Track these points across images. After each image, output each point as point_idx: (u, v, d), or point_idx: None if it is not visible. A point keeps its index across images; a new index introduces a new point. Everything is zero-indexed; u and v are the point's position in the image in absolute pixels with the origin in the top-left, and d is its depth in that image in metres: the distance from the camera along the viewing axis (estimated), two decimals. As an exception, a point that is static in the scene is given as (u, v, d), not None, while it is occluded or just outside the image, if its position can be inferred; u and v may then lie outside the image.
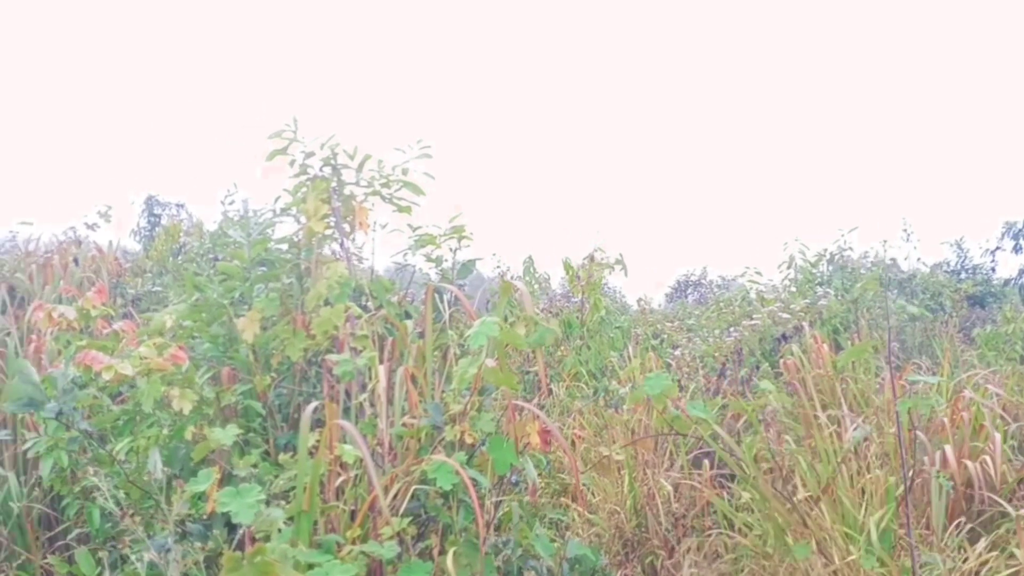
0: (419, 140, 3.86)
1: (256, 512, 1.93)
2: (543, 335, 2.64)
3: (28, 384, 2.32)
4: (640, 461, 4.77)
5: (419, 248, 3.87)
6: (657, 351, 6.06)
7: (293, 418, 3.61)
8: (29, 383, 2.33)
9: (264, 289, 3.78)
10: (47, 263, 5.72)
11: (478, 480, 2.47)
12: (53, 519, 3.77)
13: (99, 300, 3.51)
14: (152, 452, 2.50)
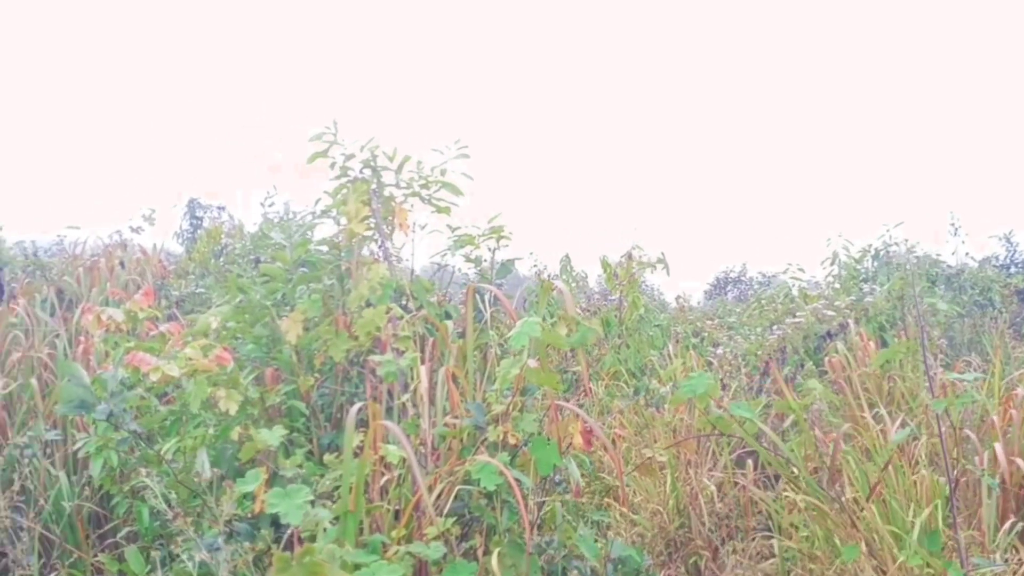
0: (456, 140, 3.87)
1: (304, 513, 1.94)
2: (584, 335, 2.63)
3: (80, 387, 2.37)
4: (682, 461, 4.73)
5: (458, 248, 3.88)
6: (697, 350, 6.01)
7: (336, 418, 3.64)
8: (81, 386, 2.37)
9: (306, 290, 3.82)
10: (94, 266, 5.84)
11: (522, 480, 2.46)
12: (102, 517, 3.85)
13: (146, 303, 3.57)
14: (200, 452, 2.54)
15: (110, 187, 19.60)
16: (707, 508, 4.47)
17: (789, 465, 3.36)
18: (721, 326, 7.28)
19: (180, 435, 3.11)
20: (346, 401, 3.68)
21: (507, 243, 3.99)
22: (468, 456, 2.67)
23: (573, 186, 30.64)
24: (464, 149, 3.81)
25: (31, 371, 4.36)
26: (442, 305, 3.79)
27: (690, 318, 7.87)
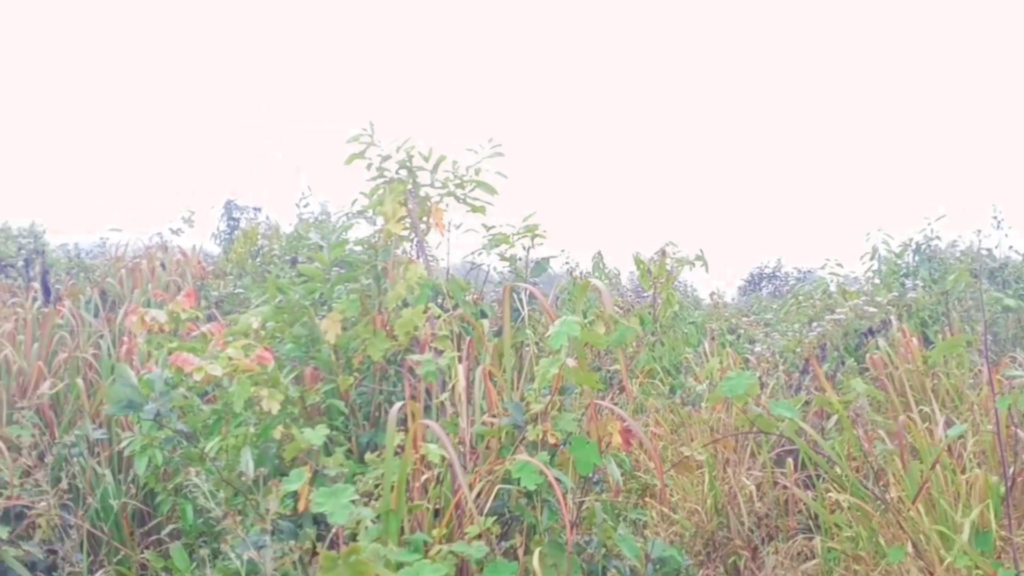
0: (490, 139, 3.88)
1: (349, 512, 1.96)
2: (623, 334, 2.62)
3: (127, 387, 2.41)
4: (720, 459, 4.69)
5: (493, 247, 3.89)
6: (734, 347, 5.95)
7: (374, 416, 3.67)
8: (128, 386, 2.42)
9: (343, 290, 3.85)
10: (135, 267, 5.95)
11: (562, 480, 2.46)
12: (146, 515, 3.91)
13: (188, 303, 3.62)
14: (244, 451, 2.57)
15: (149, 189, 19.93)
16: (746, 507, 4.43)
17: (832, 464, 3.31)
18: (757, 323, 7.20)
19: (223, 434, 3.15)
20: (384, 400, 3.71)
21: (542, 241, 3.99)
22: (507, 455, 2.67)
23: (605, 183, 30.50)
24: (498, 148, 3.82)
25: (77, 371, 4.45)
26: (477, 304, 3.79)
27: (725, 315, 7.80)
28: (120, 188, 21.95)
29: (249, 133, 27.74)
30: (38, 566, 3.38)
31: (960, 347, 4.14)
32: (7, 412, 4.15)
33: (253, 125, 26.90)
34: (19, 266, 6.93)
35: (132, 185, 22.69)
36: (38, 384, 4.30)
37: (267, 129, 27.78)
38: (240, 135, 27.83)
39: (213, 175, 22.73)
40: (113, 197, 21.79)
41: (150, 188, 20.18)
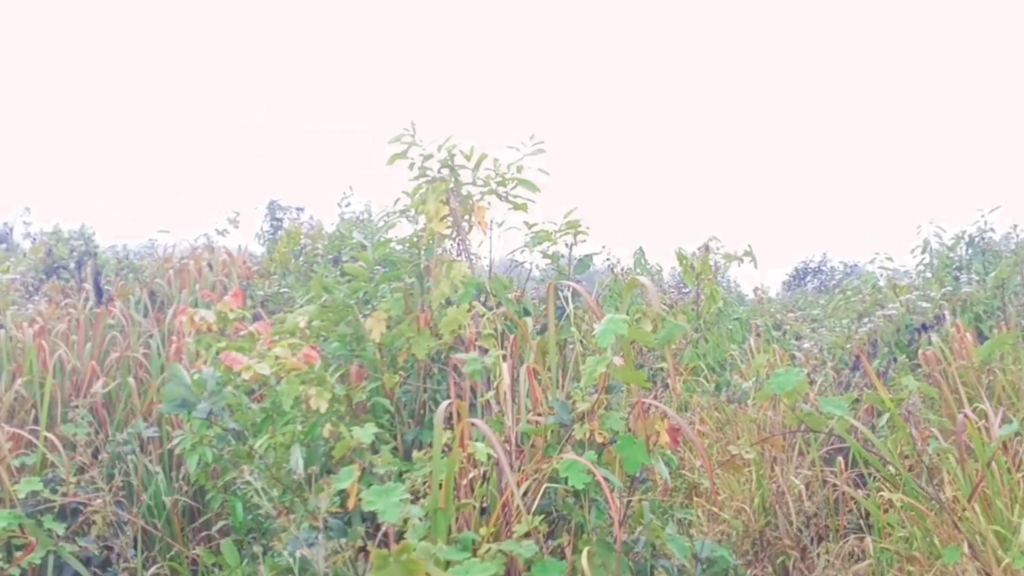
0: (531, 136, 3.86)
1: (400, 510, 1.97)
2: (671, 332, 2.59)
3: (181, 386, 2.45)
4: (767, 458, 4.63)
5: (536, 245, 3.87)
6: (780, 343, 5.86)
7: (419, 415, 3.68)
8: (182, 385, 2.46)
9: (387, 289, 3.87)
10: (183, 268, 6.06)
11: (610, 479, 2.44)
12: (195, 511, 3.98)
13: (235, 304, 3.67)
14: (293, 449, 2.60)
15: (196, 192, 20.29)
16: (795, 507, 4.37)
17: (885, 463, 3.24)
18: (804, 319, 7.08)
19: (271, 432, 3.19)
20: (428, 398, 3.72)
21: (584, 238, 3.96)
22: (553, 454, 2.66)
23: (645, 178, 30.28)
24: (540, 145, 3.80)
25: (128, 370, 4.54)
26: (520, 302, 3.78)
27: (770, 311, 7.69)
28: (163, 191, 22.40)
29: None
30: (93, 561, 3.46)
31: (1016, 342, 4.02)
32: (62, 410, 4.24)
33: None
34: (71, 268, 7.11)
35: (174, 187, 23.14)
36: (91, 383, 4.39)
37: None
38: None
39: (252, 175, 23.08)
40: (157, 200, 22.24)
41: (193, 190, 20.55)
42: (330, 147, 27.66)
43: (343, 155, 28.54)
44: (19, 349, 4.66)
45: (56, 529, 3.36)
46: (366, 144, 29.85)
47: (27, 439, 3.88)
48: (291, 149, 27.22)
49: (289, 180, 20.64)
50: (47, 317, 5.21)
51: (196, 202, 22.71)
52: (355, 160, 27.18)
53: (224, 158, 25.72)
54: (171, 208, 22.87)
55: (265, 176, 24.79)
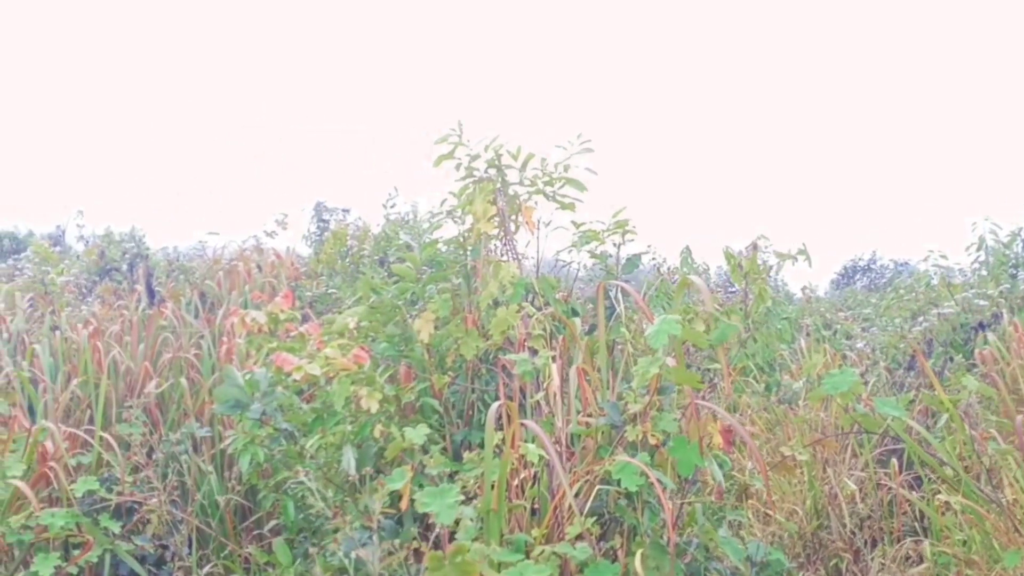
0: (579, 135, 3.84)
1: (456, 512, 1.97)
2: (725, 332, 2.56)
3: (234, 387, 2.48)
4: (819, 459, 4.55)
5: (584, 244, 3.85)
6: (830, 343, 5.75)
7: (468, 415, 3.69)
8: (235, 386, 2.48)
9: (434, 290, 3.88)
10: (233, 270, 6.15)
11: (663, 481, 2.41)
12: (246, 510, 4.03)
13: (286, 305, 3.71)
14: (346, 450, 2.61)
15: (245, 194, 20.60)
16: (848, 509, 4.28)
17: (943, 464, 3.16)
18: (855, 318, 6.94)
19: (322, 432, 3.22)
20: (476, 399, 3.72)
21: (632, 237, 3.93)
22: (605, 455, 2.64)
23: (690, 176, 29.92)
24: (587, 144, 3.78)
25: (180, 371, 4.61)
26: (568, 302, 3.76)
27: (820, 309, 7.55)
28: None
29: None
30: (147, 559, 3.52)
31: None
32: (116, 410, 4.33)
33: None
34: (123, 270, 7.26)
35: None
36: (145, 383, 4.47)
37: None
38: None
39: (309, 178, 23.36)
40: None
41: (249, 194, 20.87)
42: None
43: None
44: (74, 350, 4.77)
45: (112, 528, 3.42)
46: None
47: (83, 439, 3.97)
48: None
49: (304, 180, 20.88)
50: (101, 318, 5.33)
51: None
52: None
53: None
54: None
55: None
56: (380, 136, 29.88)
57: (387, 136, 29.23)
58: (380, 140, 29.97)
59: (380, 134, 29.47)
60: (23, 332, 5.02)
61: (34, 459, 3.53)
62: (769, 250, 5.41)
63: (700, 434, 2.62)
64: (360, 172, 22.49)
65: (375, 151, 27.51)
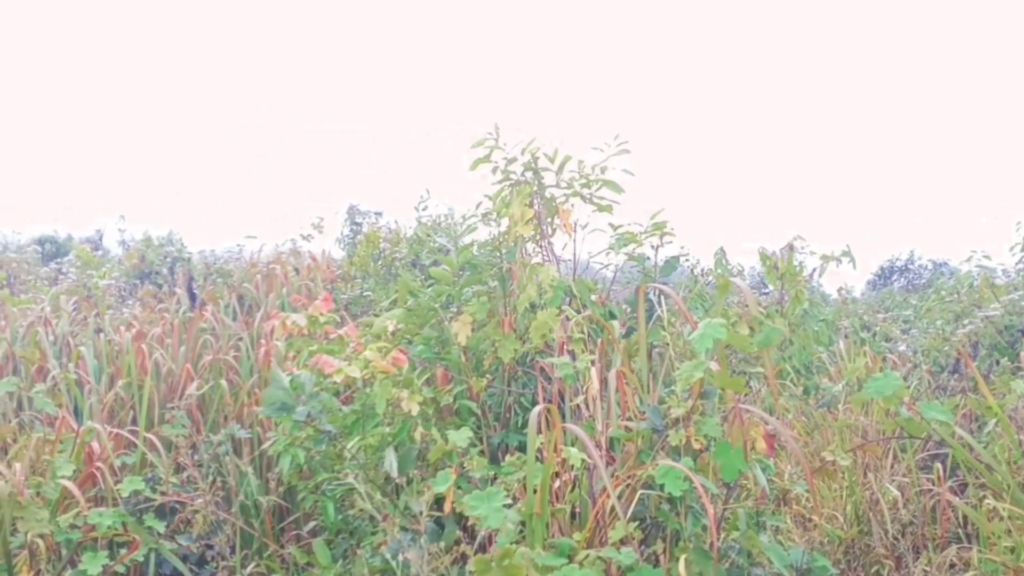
0: (616, 136, 3.82)
1: (502, 516, 1.97)
2: (769, 335, 2.53)
3: (280, 390, 2.50)
4: (860, 464, 4.49)
5: (621, 247, 3.83)
6: (870, 345, 5.66)
7: (505, 418, 3.69)
8: (281, 389, 2.51)
9: (471, 292, 3.89)
10: (270, 273, 6.22)
11: (707, 486, 2.39)
12: (284, 511, 4.07)
13: (325, 308, 3.75)
14: (388, 452, 2.63)
15: (281, 197, 20.78)
16: (890, 514, 4.22)
17: (991, 470, 3.10)
18: (894, 319, 6.82)
19: (362, 434, 3.24)
20: (513, 401, 3.73)
21: (670, 240, 3.91)
22: (646, 460, 2.63)
23: (722, 176, 29.59)
24: (624, 145, 3.76)
25: (220, 373, 4.67)
26: (605, 305, 3.75)
27: (857, 311, 7.45)
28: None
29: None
30: (189, 559, 3.57)
31: None
32: (159, 411, 4.39)
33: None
34: (164, 273, 7.38)
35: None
36: (186, 385, 4.54)
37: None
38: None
39: (341, 182, 23.49)
40: (248, 209, 22.89)
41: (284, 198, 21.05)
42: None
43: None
44: (116, 352, 4.85)
45: (157, 527, 3.47)
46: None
47: (126, 439, 4.03)
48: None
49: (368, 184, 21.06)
50: (142, 321, 5.41)
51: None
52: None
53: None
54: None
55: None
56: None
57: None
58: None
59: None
60: (68, 335, 5.12)
61: (81, 459, 3.59)
62: (805, 251, 5.36)
63: (743, 439, 2.60)
64: (392, 175, 22.59)
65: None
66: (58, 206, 25.17)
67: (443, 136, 25.66)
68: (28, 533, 3.32)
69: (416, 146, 28.22)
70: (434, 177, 11.57)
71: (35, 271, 8.26)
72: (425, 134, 26.29)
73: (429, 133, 26.59)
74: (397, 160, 25.37)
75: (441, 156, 21.95)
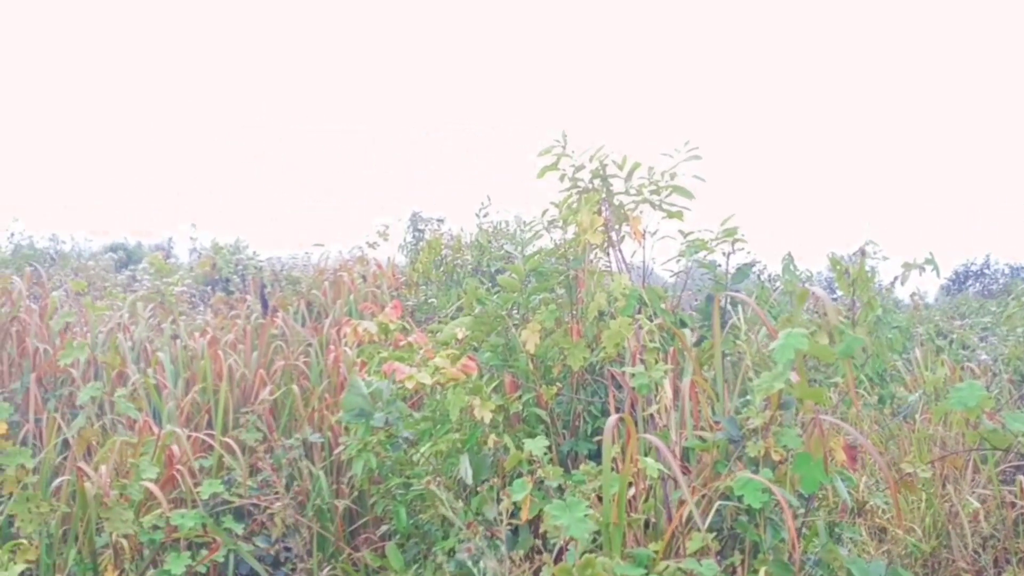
0: (686, 142, 3.79)
1: (586, 526, 1.97)
2: (851, 345, 2.48)
3: (358, 396, 2.55)
4: (939, 475, 4.36)
5: (692, 254, 3.79)
6: (947, 353, 5.49)
7: (574, 426, 3.69)
8: (359, 395, 2.55)
9: (538, 300, 3.90)
10: (337, 280, 6.33)
11: (788, 499, 2.35)
12: (354, 514, 4.13)
13: (395, 315, 3.80)
14: (463, 459, 2.65)
15: (348, 205, 21.05)
16: (970, 527, 4.09)
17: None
18: (971, 326, 6.60)
19: (433, 440, 3.28)
20: (582, 410, 3.72)
21: (742, 246, 3.85)
22: (722, 471, 2.60)
23: (792, 179, 28.92)
24: (695, 151, 3.73)
25: (291, 378, 4.77)
26: (676, 313, 3.72)
27: (933, 318, 7.23)
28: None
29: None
30: (264, 560, 3.65)
31: None
32: (232, 416, 4.50)
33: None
34: (235, 280, 7.58)
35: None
36: (259, 390, 4.64)
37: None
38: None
39: (405, 190, 23.67)
40: (315, 217, 23.26)
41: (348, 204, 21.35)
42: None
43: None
44: (191, 358, 4.99)
45: (235, 529, 3.56)
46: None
47: (203, 443, 4.14)
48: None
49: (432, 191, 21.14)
50: (215, 327, 5.56)
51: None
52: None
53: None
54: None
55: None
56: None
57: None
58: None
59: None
60: (145, 340, 5.28)
61: (162, 462, 3.70)
62: (878, 255, 5.24)
63: (823, 450, 2.55)
64: (454, 176, 22.72)
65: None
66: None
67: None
68: (113, 533, 3.44)
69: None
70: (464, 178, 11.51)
71: (111, 278, 8.54)
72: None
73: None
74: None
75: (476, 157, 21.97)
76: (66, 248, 13.28)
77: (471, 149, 25.26)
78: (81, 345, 4.41)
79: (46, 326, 5.16)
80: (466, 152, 24.83)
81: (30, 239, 12.39)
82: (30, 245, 12.21)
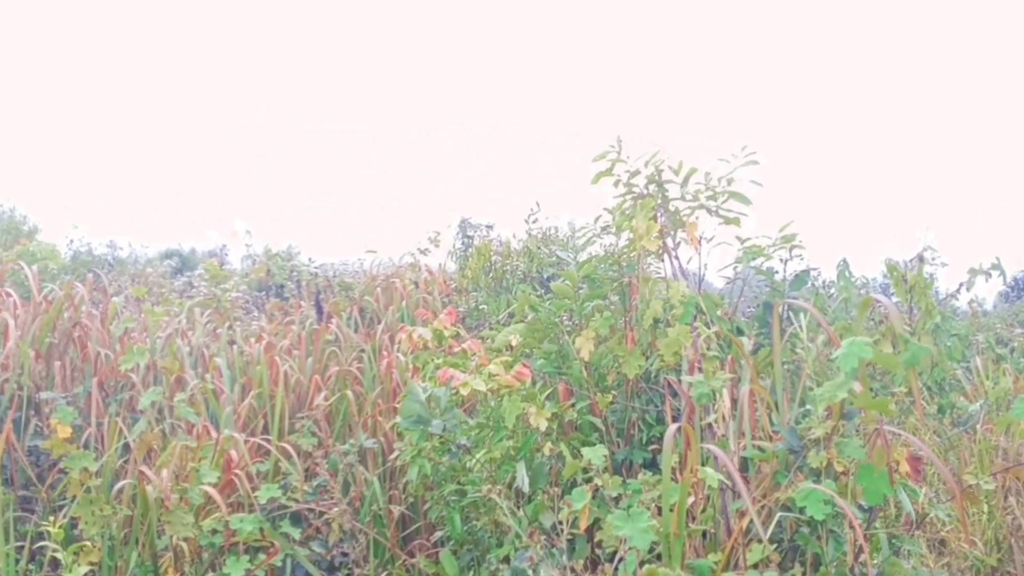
0: (743, 147, 3.75)
1: (649, 537, 1.96)
2: (916, 355, 2.42)
3: (416, 403, 2.57)
4: (1001, 488, 4.24)
5: (749, 260, 3.75)
6: (1009, 362, 5.34)
7: (628, 434, 3.67)
8: (417, 402, 2.57)
9: (591, 307, 3.89)
10: (390, 286, 6.39)
11: (852, 511, 2.31)
12: (407, 520, 4.15)
13: (449, 321, 3.83)
14: (519, 467, 2.65)
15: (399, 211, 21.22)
16: (1035, 542, 3.97)
17: None
18: (1036, 334, 6.41)
19: (488, 447, 3.29)
20: (637, 418, 3.69)
21: (800, 253, 3.80)
22: (782, 481, 2.56)
23: (846, 184, 28.32)
24: (752, 156, 3.68)
25: (345, 384, 4.82)
26: (733, 320, 3.68)
27: (995, 326, 7.03)
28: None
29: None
30: (320, 564, 3.69)
31: None
32: (288, 421, 4.56)
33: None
34: (290, 286, 7.71)
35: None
36: (314, 396, 4.70)
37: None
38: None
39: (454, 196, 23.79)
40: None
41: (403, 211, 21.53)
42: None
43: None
44: (246, 363, 5.07)
45: (292, 533, 3.61)
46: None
47: (260, 448, 4.20)
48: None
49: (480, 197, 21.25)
50: (270, 333, 5.65)
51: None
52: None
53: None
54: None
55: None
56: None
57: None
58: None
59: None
60: (202, 346, 5.39)
61: (221, 466, 3.77)
62: (936, 261, 5.12)
63: (887, 461, 2.50)
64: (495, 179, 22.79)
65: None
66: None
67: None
68: (173, 536, 3.51)
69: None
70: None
71: (168, 284, 8.74)
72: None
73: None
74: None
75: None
76: (123, 255, 13.64)
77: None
78: (141, 350, 4.52)
79: (107, 331, 5.29)
80: (508, 157, 24.86)
81: (88, 246, 12.75)
82: (88, 252, 12.56)
